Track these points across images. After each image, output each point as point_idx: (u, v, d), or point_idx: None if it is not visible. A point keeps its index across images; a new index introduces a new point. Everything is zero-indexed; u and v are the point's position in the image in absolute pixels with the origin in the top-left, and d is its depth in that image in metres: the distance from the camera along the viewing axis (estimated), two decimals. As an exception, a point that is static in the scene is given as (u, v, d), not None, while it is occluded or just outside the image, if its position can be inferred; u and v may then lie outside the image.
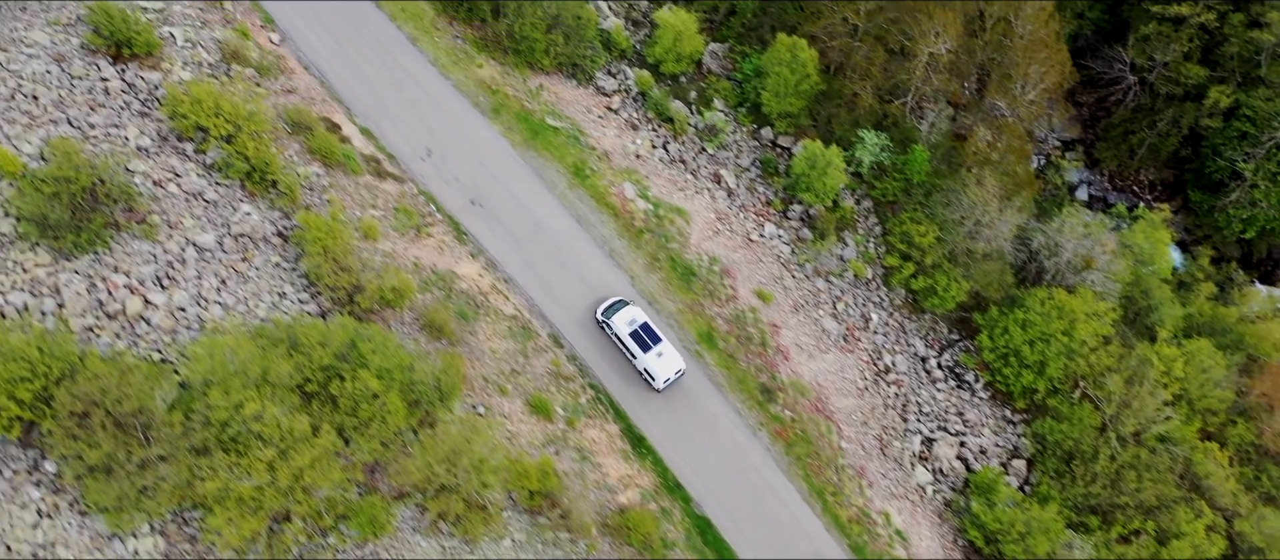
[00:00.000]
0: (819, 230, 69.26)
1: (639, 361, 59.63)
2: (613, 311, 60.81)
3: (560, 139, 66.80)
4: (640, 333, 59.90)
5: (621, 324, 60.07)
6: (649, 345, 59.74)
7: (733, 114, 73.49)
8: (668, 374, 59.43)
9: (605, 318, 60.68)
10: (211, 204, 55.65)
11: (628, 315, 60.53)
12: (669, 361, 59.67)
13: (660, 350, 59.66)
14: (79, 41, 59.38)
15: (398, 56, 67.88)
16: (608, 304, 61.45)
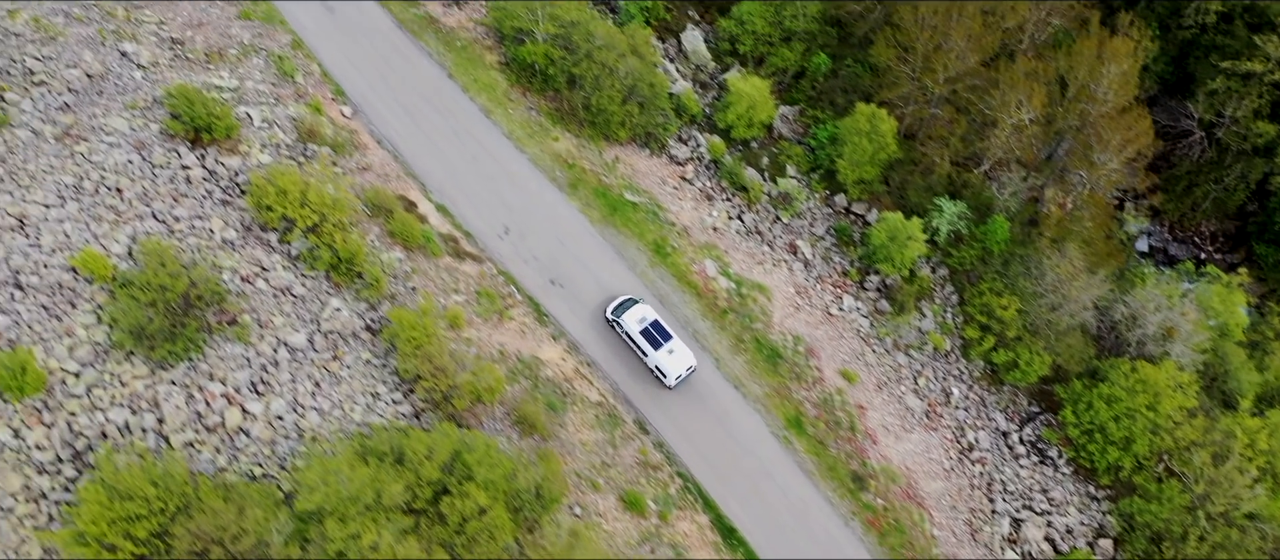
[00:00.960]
0: (898, 302, 67.87)
1: (650, 359, 59.51)
2: (622, 310, 60.73)
3: (639, 215, 65.37)
4: (651, 330, 59.80)
5: (632, 322, 60.01)
6: (660, 343, 59.58)
7: (805, 180, 72.07)
8: (679, 371, 59.36)
9: (615, 316, 60.58)
10: (300, 299, 54.25)
11: (638, 313, 60.40)
12: (680, 358, 59.52)
13: (671, 347, 59.54)
14: (158, 127, 57.96)
15: (471, 129, 66.43)
16: (617, 302, 61.24)
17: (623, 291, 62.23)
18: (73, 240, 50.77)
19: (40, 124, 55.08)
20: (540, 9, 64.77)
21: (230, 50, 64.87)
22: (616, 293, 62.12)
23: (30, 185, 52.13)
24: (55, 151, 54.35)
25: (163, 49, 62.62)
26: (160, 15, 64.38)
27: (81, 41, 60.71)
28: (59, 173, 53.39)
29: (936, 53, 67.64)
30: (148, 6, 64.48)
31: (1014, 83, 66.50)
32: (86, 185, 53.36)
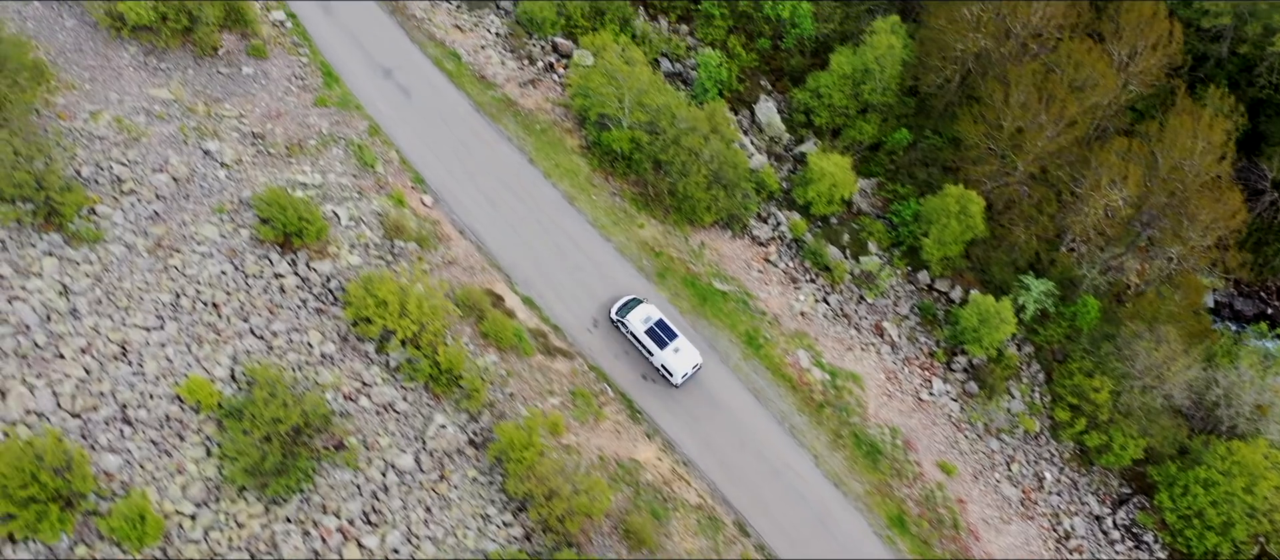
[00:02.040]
0: (988, 385, 66.39)
1: (656, 358, 59.35)
2: (627, 310, 60.61)
3: (729, 305, 63.84)
4: (656, 329, 59.63)
5: (637, 322, 59.83)
6: (665, 341, 59.40)
7: (886, 256, 70.53)
8: (685, 369, 59.20)
9: (620, 317, 60.39)
10: (403, 415, 52.71)
11: (642, 312, 60.17)
12: (686, 356, 59.36)
13: (677, 346, 59.38)
14: (248, 232, 56.39)
15: (555, 217, 64.84)
16: (621, 302, 61.18)
17: (721, 388, 60.74)
18: (176, 365, 49.19)
19: (133, 237, 53.47)
20: (627, 95, 63.02)
21: (310, 141, 63.24)
22: (713, 392, 60.59)
23: (129, 307, 50.53)
24: (149, 266, 52.74)
25: (244, 145, 60.98)
26: (239, 108, 62.73)
27: (164, 141, 59.08)
28: (155, 290, 51.78)
29: (1023, 131, 66.07)
30: (227, 100, 62.83)
31: (1106, 162, 64.98)
32: (183, 302, 51.77)
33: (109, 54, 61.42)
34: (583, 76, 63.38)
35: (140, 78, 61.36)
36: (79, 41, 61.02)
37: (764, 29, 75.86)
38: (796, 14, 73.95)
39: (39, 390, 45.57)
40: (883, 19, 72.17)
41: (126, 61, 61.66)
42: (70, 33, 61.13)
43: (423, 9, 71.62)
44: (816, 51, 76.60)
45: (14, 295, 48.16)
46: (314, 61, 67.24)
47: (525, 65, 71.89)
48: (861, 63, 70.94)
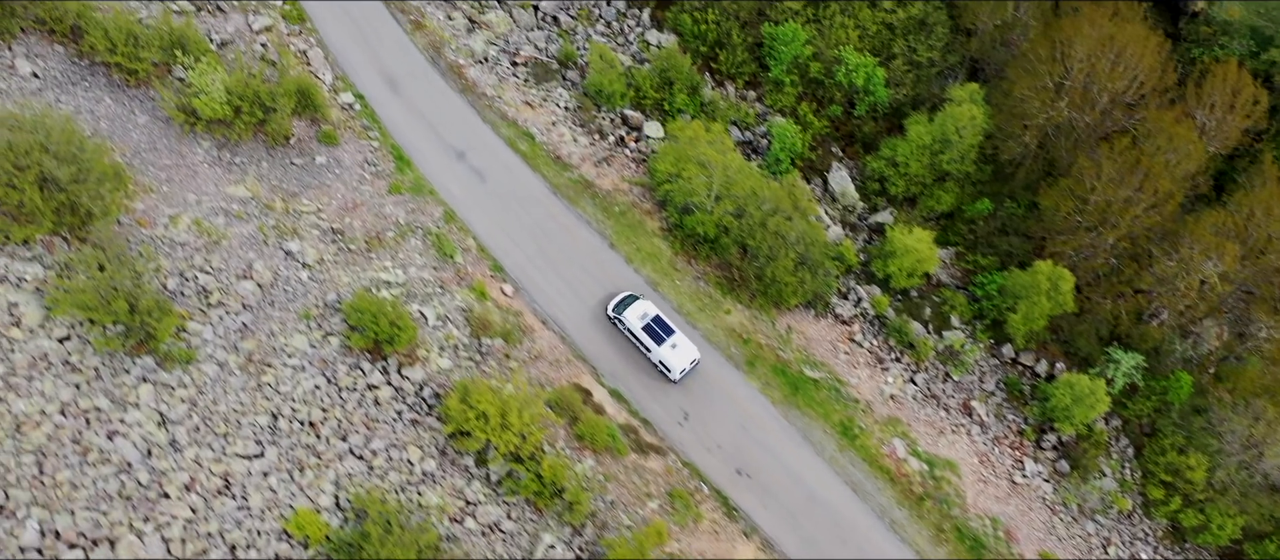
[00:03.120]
0: (1080, 465, 64.78)
1: (654, 355, 59.38)
2: (624, 306, 60.54)
3: (821, 393, 62.06)
4: (653, 325, 59.67)
5: (634, 318, 59.86)
6: (662, 338, 59.42)
7: (969, 329, 68.79)
8: (683, 365, 59.21)
9: (617, 313, 60.29)
10: (509, 535, 50.92)
11: (639, 309, 60.16)
12: (683, 352, 59.35)
13: (674, 342, 59.40)
14: (338, 340, 54.48)
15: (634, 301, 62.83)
16: (618, 300, 61.02)
17: (817, 482, 59.04)
18: (280, 496, 47.30)
19: (224, 354, 51.49)
20: (716, 183, 61.05)
21: (388, 233, 61.29)
22: (811, 487, 58.86)
23: (227, 433, 48.58)
24: (242, 385, 50.78)
25: (325, 242, 58.99)
26: (316, 202, 60.74)
27: (245, 243, 57.07)
28: (251, 412, 49.84)
29: (1113, 205, 64.37)
30: (303, 193, 60.83)
31: (1200, 236, 63.33)
32: (281, 425, 49.86)
33: (183, 150, 59.34)
34: (672, 166, 61.41)
35: (215, 174, 59.33)
36: (153, 138, 58.93)
37: (836, 96, 73.99)
38: (871, 81, 72.10)
39: (148, 536, 43.66)
40: (961, 86, 70.37)
41: (200, 158, 59.61)
42: (143, 130, 59.04)
43: (491, 86, 69.65)
44: (889, 116, 74.77)
45: (113, 429, 46.19)
46: (385, 145, 65.26)
47: (596, 140, 70.00)
48: (940, 132, 69.14)
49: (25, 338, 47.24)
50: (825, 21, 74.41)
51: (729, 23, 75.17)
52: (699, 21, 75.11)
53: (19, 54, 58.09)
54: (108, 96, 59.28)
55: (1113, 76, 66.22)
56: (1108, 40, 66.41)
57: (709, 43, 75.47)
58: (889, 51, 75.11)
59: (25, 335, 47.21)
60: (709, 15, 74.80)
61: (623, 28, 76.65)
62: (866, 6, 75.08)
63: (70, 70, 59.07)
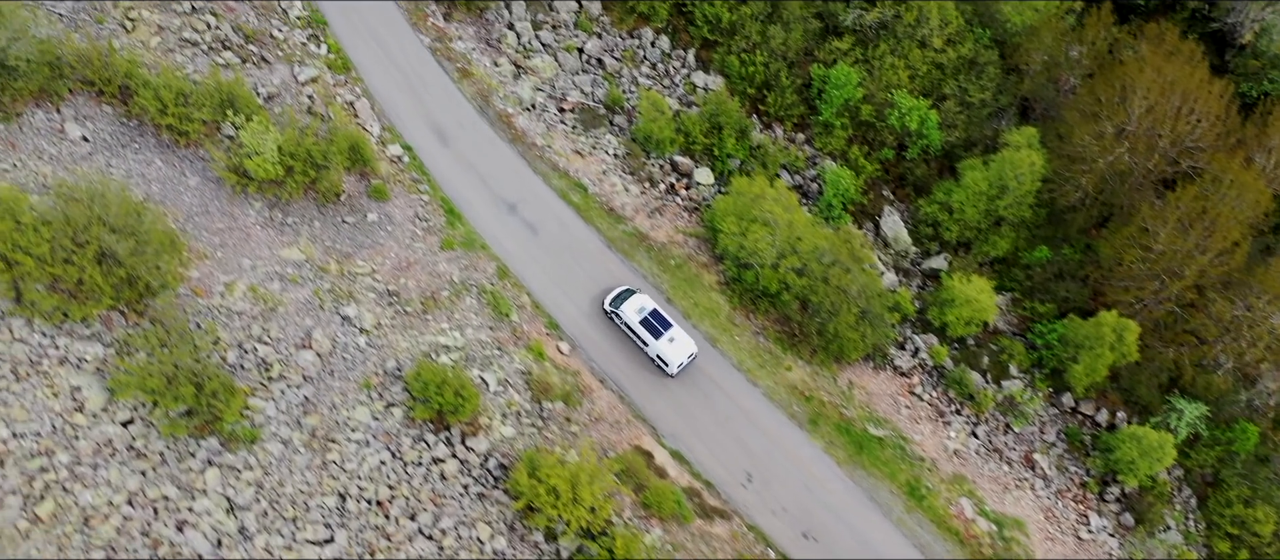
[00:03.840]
0: (1145, 518, 63.50)
1: (651, 349, 59.04)
2: (621, 301, 60.18)
3: (886, 452, 60.71)
4: (650, 319, 59.33)
5: (631, 312, 59.45)
6: (660, 332, 59.14)
7: (1027, 378, 67.44)
8: (681, 359, 58.91)
9: (614, 307, 59.99)
10: (583, 615, 49.50)
11: (636, 303, 59.81)
12: (681, 346, 59.05)
13: (671, 335, 59.12)
14: (401, 411, 53.11)
15: (699, 361, 61.50)
16: (615, 294, 60.79)
17: (886, 545, 57.71)
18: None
19: (288, 431, 50.10)
20: (780, 240, 59.56)
21: (442, 292, 59.84)
22: (879, 550, 57.52)
23: (296, 517, 47.19)
24: (308, 463, 49.38)
25: (381, 305, 57.55)
26: (370, 262, 59.27)
27: (301, 308, 55.62)
28: (319, 493, 48.45)
29: (1177, 254, 63.02)
30: (356, 253, 59.37)
31: (1271, 285, 61.98)
32: (349, 505, 48.48)
33: (235, 212, 57.87)
34: (736, 225, 59.85)
35: (268, 237, 57.84)
36: (204, 201, 57.45)
37: (887, 139, 72.53)
38: (925, 125, 70.67)
39: (223, 636, 42.29)
40: (1017, 130, 68.93)
41: (252, 219, 58.12)
42: (194, 192, 57.54)
43: (540, 134, 68.17)
44: (940, 158, 73.36)
45: (183, 519, 44.77)
46: (435, 198, 63.80)
47: (647, 189, 68.54)
48: (997, 177, 67.70)
49: (89, 423, 45.83)
50: (875, 62, 72.94)
51: (777, 64, 73.70)
52: (747, 63, 73.65)
53: (68, 117, 56.58)
54: (158, 158, 57.78)
55: (1177, 122, 64.85)
56: (1170, 86, 65.04)
57: (756, 84, 74.01)
58: (939, 92, 73.72)
59: (89, 421, 45.79)
60: (757, 57, 73.32)
61: (668, 69, 75.16)
62: (916, 46, 73.65)
63: (119, 132, 57.57)
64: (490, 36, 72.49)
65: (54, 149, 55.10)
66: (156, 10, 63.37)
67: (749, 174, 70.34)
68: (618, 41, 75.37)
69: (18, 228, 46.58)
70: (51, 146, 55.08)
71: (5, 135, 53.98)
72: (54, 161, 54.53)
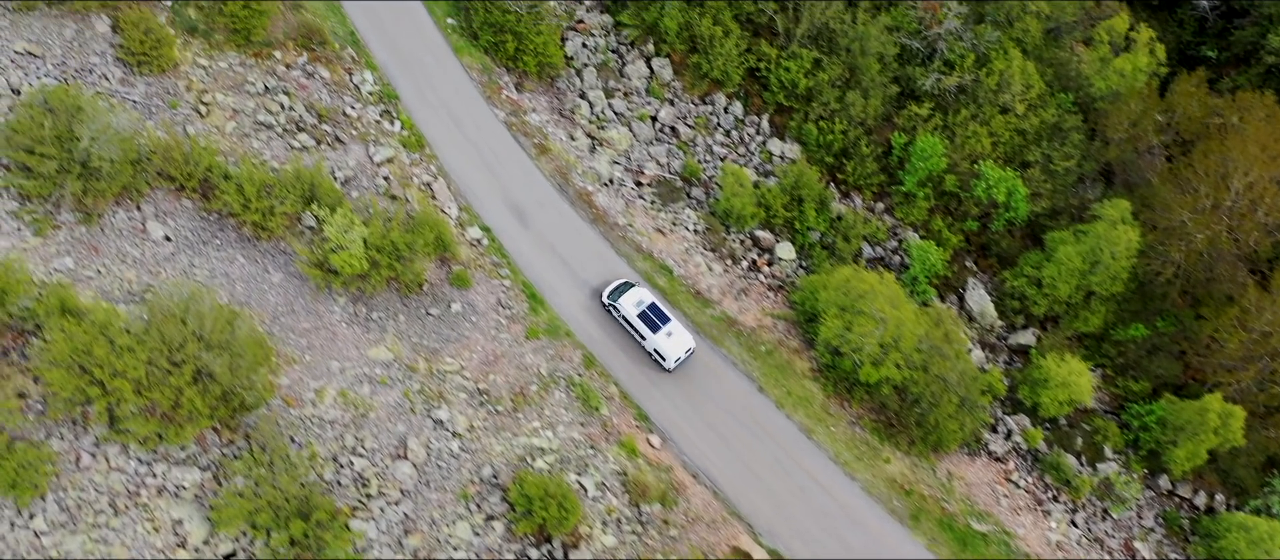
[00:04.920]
0: (1251, 609, 61.18)
1: (649, 343, 58.52)
2: (619, 294, 59.66)
3: (991, 548, 58.49)
4: (648, 313, 58.73)
5: (629, 305, 58.89)
6: (658, 325, 58.55)
7: (1121, 458, 65.20)
8: (678, 353, 58.44)
9: (612, 300, 59.50)
10: None
11: (635, 296, 59.31)
12: (679, 340, 58.48)
13: (669, 329, 58.55)
14: (500, 524, 50.84)
15: (793, 453, 59.33)
16: (613, 286, 60.16)
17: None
18: None
19: (391, 554, 47.80)
20: (888, 335, 57.17)
21: (531, 387, 57.62)
22: (991, 656, 55.35)
23: (406, 652, 44.94)
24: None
25: (472, 406, 55.35)
26: (458, 358, 57.06)
27: (392, 413, 53.40)
28: (427, 621, 46.19)
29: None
30: (443, 349, 57.17)
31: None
32: (458, 636, 46.21)
33: (319, 310, 55.62)
34: (840, 320, 57.47)
35: (354, 335, 55.58)
36: (289, 298, 55.19)
37: (972, 210, 70.20)
38: (1013, 197, 68.34)
39: None
40: (1110, 203, 66.53)
41: (337, 316, 55.87)
42: (278, 290, 55.28)
43: (620, 211, 65.88)
44: (1026, 228, 71.02)
45: (294, 665, 42.51)
46: (516, 283, 61.54)
47: (729, 267, 66.29)
48: (1089, 251, 65.35)
49: None
50: (957, 129, 70.62)
51: (855, 131, 71.43)
52: (825, 131, 71.34)
53: (149, 215, 54.33)
54: (240, 254, 55.52)
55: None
56: (1273, 160, 62.78)
57: (834, 152, 71.74)
58: (1022, 158, 71.44)
59: (191, 556, 43.51)
60: (835, 125, 71.01)
61: (742, 137, 72.91)
62: (997, 112, 71.38)
63: (201, 227, 55.33)
64: (563, 107, 70.24)
65: (137, 251, 52.84)
66: (230, 93, 61.14)
67: (831, 247, 68.17)
68: (690, 108, 73.11)
69: (113, 350, 44.32)
70: (134, 248, 52.82)
71: (88, 239, 51.75)
72: (138, 265, 52.28)
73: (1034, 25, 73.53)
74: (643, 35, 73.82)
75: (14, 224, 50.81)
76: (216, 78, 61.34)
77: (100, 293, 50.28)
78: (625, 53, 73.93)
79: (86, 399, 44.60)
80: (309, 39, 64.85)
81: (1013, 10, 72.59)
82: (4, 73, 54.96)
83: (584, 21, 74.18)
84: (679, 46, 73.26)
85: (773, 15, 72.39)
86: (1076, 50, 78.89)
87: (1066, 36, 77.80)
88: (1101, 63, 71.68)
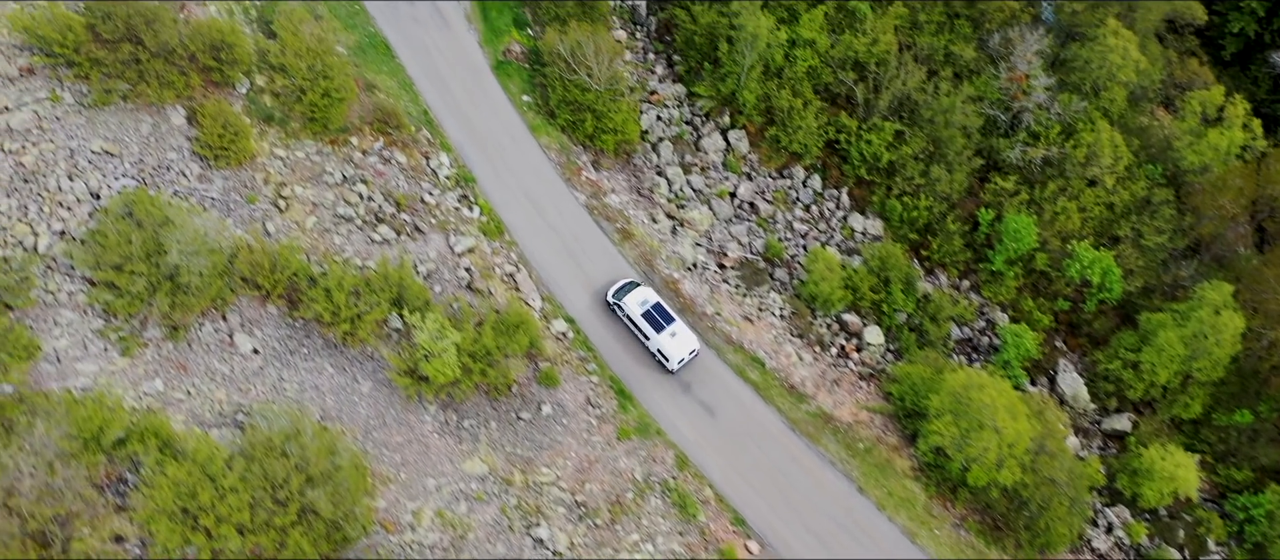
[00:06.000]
0: None
1: (652, 343, 57.65)
2: (624, 293, 59.00)
3: (1104, 659, 55.94)
4: (653, 312, 58.05)
5: (634, 305, 58.18)
6: (662, 325, 57.82)
7: (1225, 551, 62.68)
8: (682, 354, 57.59)
9: (617, 300, 58.82)
10: None
11: (639, 295, 58.57)
12: (683, 342, 57.75)
13: (674, 330, 57.78)
14: (610, 656, 48.25)
15: (896, 557, 56.73)
16: (619, 285, 59.51)
17: None
18: None
19: None
20: (1004, 443, 54.55)
21: (627, 495, 55.20)
22: None
23: None
24: None
25: (571, 521, 52.94)
26: (553, 468, 54.61)
27: (491, 532, 51.00)
28: None
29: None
30: (537, 457, 54.75)
31: None
32: None
33: (410, 420, 53.12)
34: (954, 427, 54.82)
35: (447, 446, 53.08)
36: (379, 409, 52.67)
37: (1063, 290, 67.64)
38: (1108, 278, 65.78)
39: None
40: (1212, 286, 63.79)
41: (429, 426, 53.37)
42: (368, 400, 52.76)
43: (706, 298, 63.35)
44: (1118, 306, 68.46)
45: None
46: (604, 378, 59.03)
47: (819, 354, 63.78)
48: (1191, 337, 62.73)
49: None
50: (1045, 204, 68.07)
51: (941, 206, 68.91)
52: (909, 207, 68.77)
53: (235, 326, 51.80)
54: (328, 363, 52.97)
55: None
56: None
57: (919, 228, 69.23)
58: (1111, 232, 68.91)
59: None
60: (921, 201, 68.45)
61: (822, 211, 70.35)
62: (1086, 185, 68.86)
63: (287, 336, 52.78)
64: (642, 185, 67.72)
65: (225, 366, 50.30)
66: (309, 184, 58.61)
67: (919, 329, 65.70)
68: (768, 182, 70.59)
69: (216, 491, 41.77)
70: (222, 364, 50.28)
71: (175, 357, 49.21)
72: (227, 382, 49.73)
73: (1120, 94, 70.97)
74: (718, 106, 71.32)
75: (100, 344, 48.25)
76: (294, 168, 58.80)
77: (191, 416, 47.74)
78: (700, 124, 71.46)
79: (186, 541, 42.10)
80: (385, 122, 62.33)
81: (1100, 79, 69.97)
82: (83, 176, 52.40)
83: (657, 92, 71.69)
84: (756, 118, 70.78)
85: (852, 85, 69.83)
86: (1156, 114, 76.42)
87: (1145, 101, 75.31)
88: (1193, 135, 69.04)
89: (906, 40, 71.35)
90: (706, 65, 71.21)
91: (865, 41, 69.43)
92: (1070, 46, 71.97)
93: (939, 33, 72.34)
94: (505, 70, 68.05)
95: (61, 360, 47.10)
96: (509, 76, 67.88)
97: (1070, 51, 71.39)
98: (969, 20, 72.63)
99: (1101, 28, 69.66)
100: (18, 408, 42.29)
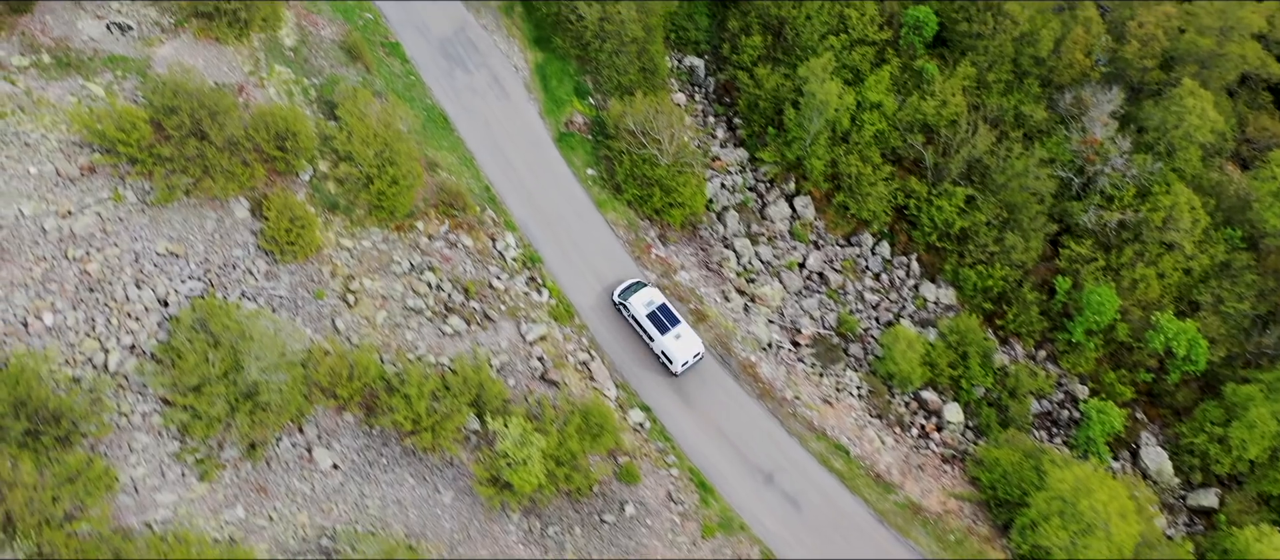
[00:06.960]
0: None
1: (656, 344, 56.80)
2: (630, 293, 58.06)
3: None
4: (658, 313, 57.14)
5: (639, 305, 57.29)
6: (667, 327, 56.86)
7: (1318, 632, 60.40)
8: (686, 357, 56.66)
9: (622, 299, 57.82)
10: None
11: (645, 296, 57.66)
12: (687, 344, 56.84)
13: (678, 332, 56.90)
14: None
15: (993, 657, 54.46)
16: (625, 285, 58.59)
17: None
18: None
19: None
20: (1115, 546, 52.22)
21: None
22: None
23: None
24: None
25: (664, 632, 50.40)
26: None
27: (584, 651, 48.37)
28: None
29: None
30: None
31: None
32: None
33: (495, 532, 50.69)
34: (1066, 537, 52.37)
35: (534, 558, 50.52)
36: (463, 522, 50.21)
37: (1146, 361, 65.32)
38: (1193, 350, 63.44)
39: None
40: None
41: (514, 537, 50.93)
42: (451, 512, 50.27)
43: (783, 379, 60.90)
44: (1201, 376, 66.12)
45: None
46: (684, 471, 56.64)
47: (899, 435, 61.43)
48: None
49: None
50: (1123, 271, 65.70)
51: (1016, 274, 66.53)
52: (984, 276, 66.37)
53: (313, 439, 49.23)
54: (408, 474, 50.44)
55: None
56: None
57: (993, 297, 66.88)
58: (1191, 298, 66.59)
59: None
60: (996, 270, 66.05)
61: (893, 280, 67.97)
62: (1164, 250, 66.52)
63: (365, 446, 50.23)
64: (710, 259, 65.26)
65: (305, 485, 47.72)
66: (377, 275, 56.02)
67: (998, 404, 63.39)
68: (836, 250, 68.21)
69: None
70: (303, 483, 47.70)
71: (255, 478, 46.64)
72: (309, 503, 47.17)
73: (1195, 153, 68.60)
74: (783, 172, 68.89)
75: (177, 469, 45.66)
76: (361, 259, 56.21)
77: (275, 544, 45.22)
78: (765, 191, 69.06)
79: None
80: (449, 204, 59.78)
81: (1175, 139, 67.60)
82: (149, 282, 49.75)
83: (720, 158, 69.24)
84: (822, 184, 68.36)
85: (921, 149, 67.43)
86: (1226, 170, 74.10)
87: (1217, 156, 72.94)
88: (1274, 197, 66.68)
89: (974, 101, 68.93)
90: (771, 130, 68.80)
91: (934, 103, 67.06)
92: (1142, 105, 69.65)
93: (1008, 92, 69.98)
94: (568, 143, 65.52)
95: (139, 490, 44.53)
96: (572, 149, 65.34)
97: (1143, 110, 69.06)
98: (1037, 79, 70.27)
99: (1177, 88, 67.34)
100: (100, 550, 39.72)
